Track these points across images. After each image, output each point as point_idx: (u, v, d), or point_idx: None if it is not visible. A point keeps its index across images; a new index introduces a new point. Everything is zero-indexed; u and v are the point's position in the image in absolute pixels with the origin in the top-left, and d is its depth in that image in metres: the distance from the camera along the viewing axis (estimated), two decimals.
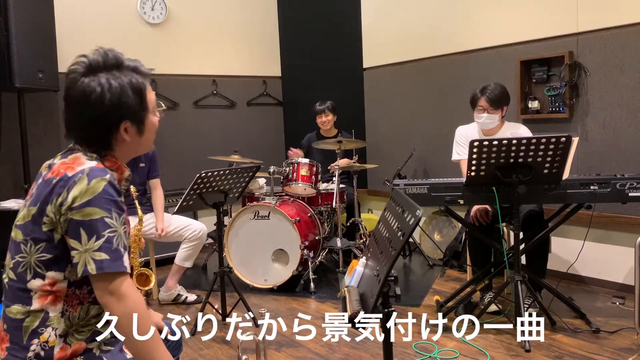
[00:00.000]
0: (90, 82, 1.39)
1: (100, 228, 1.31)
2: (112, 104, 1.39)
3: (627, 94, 3.44)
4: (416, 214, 1.29)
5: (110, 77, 1.40)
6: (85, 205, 1.31)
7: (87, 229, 1.31)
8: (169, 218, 3.63)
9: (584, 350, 2.71)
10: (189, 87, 5.12)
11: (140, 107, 1.45)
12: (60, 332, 1.39)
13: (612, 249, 3.60)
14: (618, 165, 3.49)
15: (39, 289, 1.38)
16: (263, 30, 5.54)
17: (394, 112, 5.10)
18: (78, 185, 1.33)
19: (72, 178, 1.34)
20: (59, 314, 1.39)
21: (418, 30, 4.77)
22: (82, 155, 1.41)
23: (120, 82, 1.41)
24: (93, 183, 1.33)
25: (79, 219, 1.31)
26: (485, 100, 3.26)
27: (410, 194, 2.96)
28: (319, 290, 3.84)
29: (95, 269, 1.30)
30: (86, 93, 1.38)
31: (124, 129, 1.44)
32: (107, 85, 1.39)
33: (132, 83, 1.43)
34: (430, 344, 2.81)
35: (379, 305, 1.37)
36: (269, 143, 5.56)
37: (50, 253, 1.37)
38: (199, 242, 3.60)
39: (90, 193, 1.32)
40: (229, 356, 2.83)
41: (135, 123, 1.45)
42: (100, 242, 1.31)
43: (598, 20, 3.53)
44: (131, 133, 1.46)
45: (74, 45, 4.40)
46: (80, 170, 1.35)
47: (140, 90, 1.45)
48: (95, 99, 1.38)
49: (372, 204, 5.47)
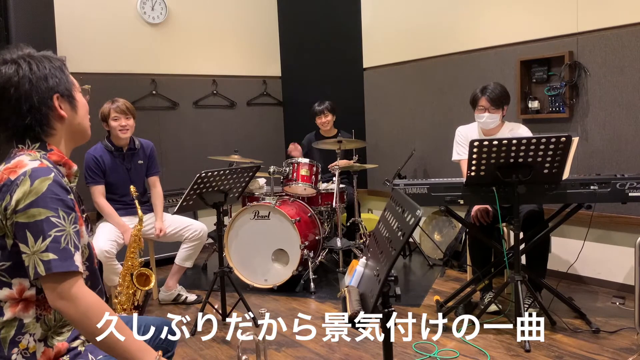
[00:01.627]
0: (8, 69, 1.39)
1: (46, 228, 1.28)
2: (37, 77, 1.39)
3: (627, 94, 3.44)
4: (416, 214, 1.29)
5: (30, 61, 1.41)
6: (29, 206, 1.28)
7: (33, 230, 1.28)
8: (169, 218, 3.63)
9: (584, 350, 2.71)
10: (189, 87, 5.12)
11: (65, 80, 1.45)
12: (39, 336, 1.38)
13: (612, 249, 3.60)
14: (618, 165, 3.49)
15: (7, 299, 1.35)
16: (263, 30, 5.54)
17: (394, 112, 5.10)
18: (21, 187, 1.30)
19: (15, 181, 1.31)
20: (34, 319, 1.37)
21: (418, 30, 4.77)
22: (24, 158, 1.37)
23: (39, 62, 1.42)
24: (36, 183, 1.30)
25: (23, 221, 1.28)
26: (486, 100, 3.26)
27: (410, 194, 2.96)
28: (319, 290, 3.84)
29: (44, 270, 1.27)
30: (8, 77, 1.38)
31: (57, 104, 1.43)
32: (27, 65, 1.40)
33: (51, 62, 1.44)
34: (430, 344, 2.81)
35: (379, 305, 1.37)
36: (269, 143, 5.56)
37: (8, 260, 1.34)
38: (199, 242, 3.59)
39: (34, 194, 1.29)
40: (229, 356, 2.83)
41: (65, 97, 1.45)
42: (47, 242, 1.27)
43: (598, 20, 3.53)
44: (65, 108, 1.45)
45: (74, 45, 4.40)
46: (23, 172, 1.32)
47: (61, 68, 1.46)
48: (18, 79, 1.38)
49: (372, 204, 5.47)
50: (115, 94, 3.72)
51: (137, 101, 4.75)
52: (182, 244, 3.60)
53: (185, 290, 3.71)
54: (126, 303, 3.05)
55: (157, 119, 4.95)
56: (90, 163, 3.43)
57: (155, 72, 4.90)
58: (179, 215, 3.65)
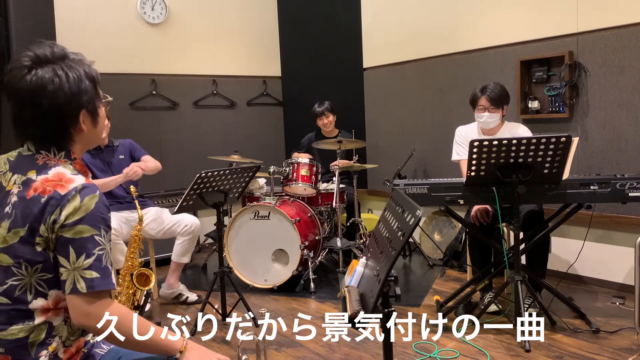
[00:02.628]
0: (45, 74, 1.33)
1: (90, 246, 1.30)
2: (71, 92, 1.35)
3: (627, 94, 3.44)
4: (416, 214, 1.29)
5: (64, 67, 1.35)
6: (77, 222, 1.30)
7: (77, 246, 1.30)
8: (161, 214, 3.63)
9: (584, 350, 2.71)
10: (189, 87, 5.12)
11: (95, 95, 1.42)
12: (64, 339, 1.40)
13: (612, 249, 3.60)
14: (618, 165, 3.49)
15: (41, 307, 1.36)
16: (263, 30, 5.54)
17: (394, 112, 5.10)
18: (71, 202, 1.31)
19: (66, 196, 1.31)
20: (63, 322, 1.39)
21: (418, 30, 4.77)
22: (64, 170, 1.37)
23: (76, 71, 1.36)
24: (86, 201, 1.31)
25: (69, 237, 1.30)
26: (486, 100, 3.26)
27: (410, 194, 2.96)
28: (319, 290, 3.84)
29: (86, 288, 1.29)
30: (42, 84, 1.32)
31: (82, 119, 1.40)
32: (64, 75, 1.34)
33: (87, 72, 1.39)
34: (430, 344, 2.81)
35: (379, 305, 1.37)
36: (269, 143, 5.56)
37: (50, 272, 1.34)
38: (192, 236, 3.58)
39: (84, 211, 1.31)
40: (229, 356, 2.82)
41: (90, 112, 1.42)
42: (91, 261, 1.30)
43: (598, 20, 3.53)
44: (87, 123, 1.42)
45: (74, 45, 4.37)
46: (74, 188, 1.32)
47: (94, 78, 1.42)
48: (53, 89, 1.33)
49: (372, 204, 5.47)
50: (115, 94, 3.68)
51: (137, 101, 4.76)
52: (176, 240, 3.60)
53: (187, 290, 3.70)
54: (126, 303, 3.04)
55: (157, 119, 4.95)
56: None
57: (155, 72, 4.90)
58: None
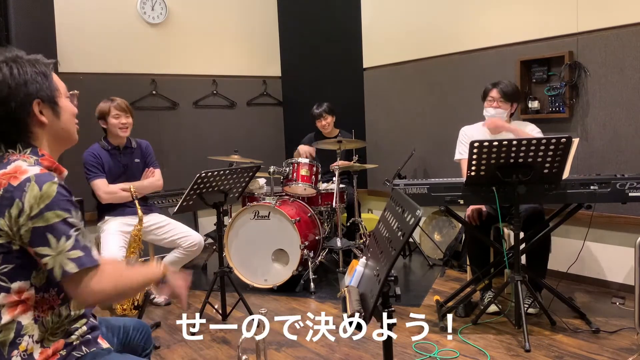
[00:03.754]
0: None
1: (65, 229, 1.32)
2: (16, 84, 1.38)
3: (627, 94, 3.44)
4: (416, 214, 1.29)
5: (11, 64, 1.39)
6: (44, 210, 1.30)
7: (54, 232, 1.31)
8: (168, 222, 3.58)
9: (584, 350, 2.71)
10: (189, 87, 5.12)
11: (47, 86, 1.43)
12: (37, 338, 1.39)
13: (612, 249, 3.60)
14: (618, 165, 3.49)
15: (6, 302, 1.36)
16: (263, 30, 5.54)
17: (394, 112, 5.09)
18: (30, 192, 1.30)
19: (21, 187, 1.31)
20: (32, 320, 1.38)
21: (418, 30, 4.77)
22: (21, 163, 1.37)
23: (21, 67, 1.40)
24: (45, 188, 1.31)
25: (42, 225, 1.30)
26: (497, 92, 3.30)
27: (410, 194, 2.96)
28: (319, 290, 3.84)
29: (77, 267, 1.32)
30: None
31: (38, 110, 1.41)
32: (8, 70, 1.38)
33: (35, 67, 1.42)
34: (430, 344, 2.81)
35: (379, 305, 1.37)
36: (269, 143, 5.56)
37: (11, 263, 1.35)
38: (190, 254, 3.53)
39: (46, 197, 1.31)
40: (229, 356, 2.83)
41: (47, 102, 1.43)
42: (71, 242, 1.32)
43: (598, 20, 3.53)
44: (47, 114, 1.44)
45: (74, 45, 4.40)
46: (26, 178, 1.32)
47: (45, 73, 1.44)
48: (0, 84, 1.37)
49: (372, 204, 5.47)
50: (116, 94, 3.72)
51: (137, 101, 4.75)
52: (175, 249, 3.54)
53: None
54: (126, 303, 3.05)
55: (157, 119, 4.95)
56: (89, 159, 3.41)
57: (155, 72, 4.90)
58: (179, 219, 3.63)
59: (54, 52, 4.01)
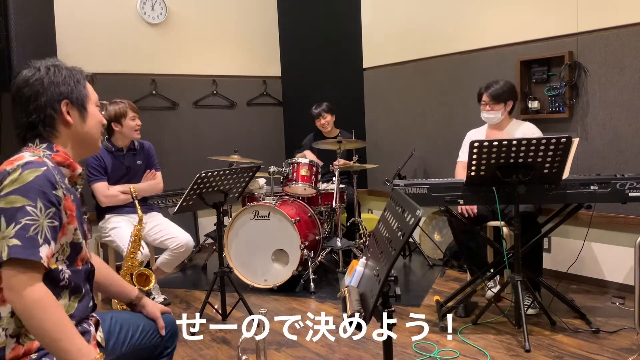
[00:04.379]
0: (29, 72, 1.51)
1: (18, 215, 1.32)
2: (50, 82, 1.49)
3: (627, 94, 3.44)
4: (416, 214, 1.29)
5: (50, 68, 1.52)
6: (10, 193, 1.34)
7: (7, 215, 1.32)
8: (164, 223, 3.59)
9: (584, 350, 2.71)
10: (189, 87, 5.12)
11: (78, 90, 1.54)
12: (11, 332, 1.39)
13: (612, 249, 3.60)
14: (618, 165, 3.48)
15: None
16: (263, 30, 5.54)
17: (394, 112, 5.09)
18: (11, 175, 1.36)
19: (9, 171, 1.37)
20: (9, 314, 1.39)
21: (418, 30, 4.77)
22: (26, 153, 1.45)
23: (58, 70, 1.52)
24: (25, 174, 1.36)
25: (1, 207, 1.33)
26: (486, 96, 3.37)
27: (410, 194, 2.96)
28: (319, 290, 3.84)
29: (7, 255, 1.30)
30: (26, 78, 1.50)
31: (65, 110, 1.51)
32: (45, 70, 1.51)
33: (71, 72, 1.55)
34: (430, 344, 2.81)
35: (379, 305, 1.37)
36: (269, 143, 5.56)
37: None
38: (179, 256, 3.53)
39: (19, 182, 1.34)
40: (229, 356, 2.83)
41: (76, 105, 1.53)
42: (17, 229, 1.31)
43: (598, 20, 3.53)
44: (74, 116, 1.53)
45: (74, 45, 4.40)
46: (18, 163, 1.38)
47: (78, 78, 1.55)
48: (34, 81, 1.48)
49: (372, 204, 5.47)
50: (116, 94, 3.72)
51: (137, 101, 4.74)
52: (165, 250, 3.55)
53: (158, 290, 3.66)
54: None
55: (157, 119, 4.95)
56: (91, 161, 3.43)
57: (155, 72, 4.90)
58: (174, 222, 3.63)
59: (54, 52, 4.01)
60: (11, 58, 3.61)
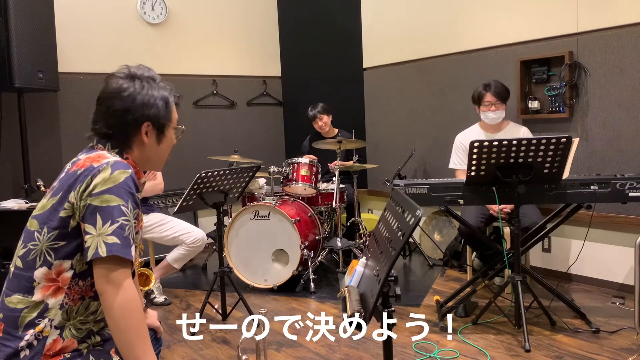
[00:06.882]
0: (126, 83, 1.51)
1: (115, 214, 1.36)
2: (142, 102, 1.50)
3: (627, 94, 3.44)
4: (416, 214, 1.29)
5: (145, 84, 1.53)
6: (104, 192, 1.37)
7: (104, 214, 1.35)
8: (169, 219, 3.61)
9: (584, 350, 2.71)
10: (189, 87, 5.12)
11: (164, 115, 1.55)
12: (57, 323, 1.41)
13: (612, 249, 3.60)
14: (618, 165, 3.49)
15: (43, 278, 1.40)
16: (263, 30, 5.54)
17: (394, 112, 5.09)
18: (102, 173, 1.39)
19: (97, 168, 1.40)
20: (58, 306, 1.41)
21: (418, 30, 4.77)
22: (106, 153, 1.49)
23: (152, 90, 1.53)
24: (116, 173, 1.39)
25: (97, 204, 1.36)
26: (492, 95, 3.39)
27: (410, 194, 2.96)
28: (319, 290, 3.84)
29: (106, 252, 1.33)
30: (120, 90, 1.50)
31: (145, 131, 1.52)
32: (140, 88, 1.51)
33: (163, 94, 1.55)
34: (430, 344, 2.81)
35: (379, 305, 1.37)
36: (269, 143, 5.56)
37: (62, 240, 1.40)
38: (195, 250, 3.58)
39: (112, 182, 1.38)
40: (229, 356, 2.83)
41: (156, 128, 1.54)
42: (114, 227, 1.35)
43: (598, 20, 3.53)
44: (151, 137, 1.54)
45: (74, 45, 4.39)
46: (106, 162, 1.42)
47: (168, 101, 1.56)
48: (127, 95, 1.49)
49: (372, 204, 5.47)
50: None
51: None
52: (178, 246, 3.58)
53: (160, 290, 3.68)
54: None
55: None
56: None
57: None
58: (180, 217, 3.64)
59: (54, 52, 4.01)
60: (11, 58, 3.61)
